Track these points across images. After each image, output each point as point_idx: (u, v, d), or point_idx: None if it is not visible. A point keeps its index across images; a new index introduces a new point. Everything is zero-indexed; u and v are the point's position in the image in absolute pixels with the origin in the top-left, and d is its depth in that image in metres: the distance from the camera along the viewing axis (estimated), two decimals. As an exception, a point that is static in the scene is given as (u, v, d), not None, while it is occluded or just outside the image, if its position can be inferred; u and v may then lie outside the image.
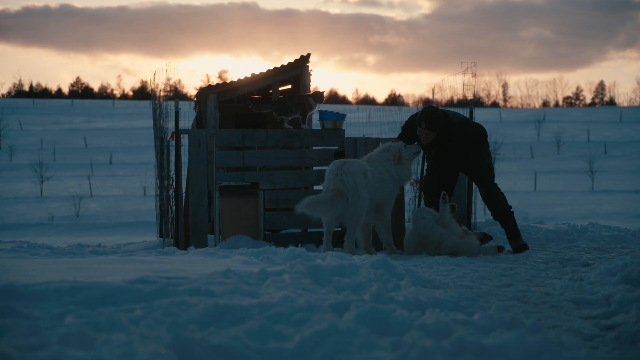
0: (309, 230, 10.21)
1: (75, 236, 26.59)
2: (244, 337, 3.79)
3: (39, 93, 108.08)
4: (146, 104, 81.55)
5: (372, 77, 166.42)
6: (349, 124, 11.39)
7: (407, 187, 11.88)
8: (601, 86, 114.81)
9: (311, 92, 10.85)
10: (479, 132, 9.37)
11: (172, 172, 10.30)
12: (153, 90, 10.89)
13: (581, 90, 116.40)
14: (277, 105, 10.34)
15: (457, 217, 10.24)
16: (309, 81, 11.95)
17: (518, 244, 9.05)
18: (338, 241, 9.34)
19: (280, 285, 5.07)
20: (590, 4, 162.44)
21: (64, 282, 4.53)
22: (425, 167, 11.36)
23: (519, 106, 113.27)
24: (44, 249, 8.86)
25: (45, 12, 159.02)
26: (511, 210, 9.20)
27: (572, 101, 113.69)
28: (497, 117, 72.72)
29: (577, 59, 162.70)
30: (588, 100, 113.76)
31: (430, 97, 9.74)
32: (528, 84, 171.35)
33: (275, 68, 12.00)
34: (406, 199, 10.76)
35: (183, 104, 10.59)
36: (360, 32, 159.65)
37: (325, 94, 10.56)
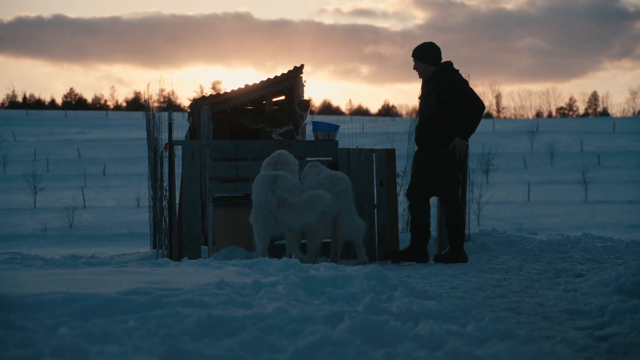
0: (303, 241, 10.19)
1: (68, 247, 26.56)
2: (238, 348, 3.79)
3: (33, 104, 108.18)
4: (139, 115, 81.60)
5: (365, 88, 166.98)
6: (343, 135, 11.38)
7: (402, 197, 11.88)
8: (594, 97, 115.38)
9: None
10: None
11: (165, 183, 10.28)
12: (146, 101, 10.88)
13: (574, 101, 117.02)
14: (268, 118, 10.34)
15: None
16: (303, 92, 11.96)
17: (453, 257, 8.99)
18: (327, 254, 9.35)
19: (274, 296, 5.06)
20: (584, 14, 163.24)
21: (57, 294, 4.52)
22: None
23: (512, 117, 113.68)
24: (38, 260, 8.83)
25: (38, 23, 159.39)
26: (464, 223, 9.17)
27: (566, 112, 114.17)
28: (491, 127, 72.88)
29: (571, 69, 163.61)
30: (581, 111, 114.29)
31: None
32: (521, 95, 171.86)
33: (269, 79, 12.02)
34: (400, 209, 10.75)
35: (176, 115, 10.59)
36: (354, 43, 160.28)
37: (311, 101, 10.52)
